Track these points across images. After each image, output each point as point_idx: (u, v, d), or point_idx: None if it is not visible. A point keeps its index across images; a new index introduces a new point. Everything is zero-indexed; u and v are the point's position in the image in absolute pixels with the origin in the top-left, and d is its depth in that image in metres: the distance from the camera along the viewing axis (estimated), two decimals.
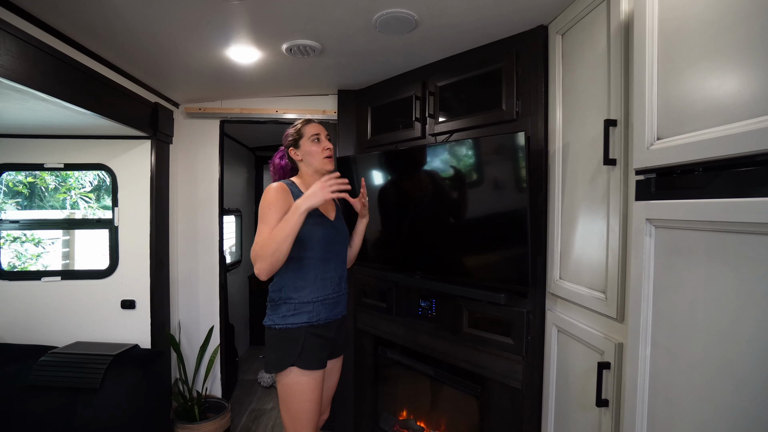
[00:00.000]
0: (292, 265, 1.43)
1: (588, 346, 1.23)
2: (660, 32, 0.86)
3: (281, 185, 1.42)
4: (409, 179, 1.86)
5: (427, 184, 1.79)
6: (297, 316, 1.42)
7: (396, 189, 1.94)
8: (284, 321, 1.42)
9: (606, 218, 1.16)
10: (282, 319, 1.42)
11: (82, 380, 1.96)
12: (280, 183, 1.43)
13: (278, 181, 1.45)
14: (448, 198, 1.72)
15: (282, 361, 1.40)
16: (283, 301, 1.44)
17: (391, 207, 1.96)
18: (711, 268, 0.72)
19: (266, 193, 1.39)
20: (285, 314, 1.42)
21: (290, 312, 1.42)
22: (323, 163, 1.51)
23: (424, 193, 1.81)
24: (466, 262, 1.67)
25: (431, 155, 1.75)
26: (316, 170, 1.52)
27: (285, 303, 1.43)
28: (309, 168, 1.53)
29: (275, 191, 1.39)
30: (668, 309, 0.83)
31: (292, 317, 1.42)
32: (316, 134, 1.50)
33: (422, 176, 1.79)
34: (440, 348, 1.83)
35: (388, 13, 1.45)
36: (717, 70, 0.73)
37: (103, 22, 1.51)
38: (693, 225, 0.76)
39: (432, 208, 1.78)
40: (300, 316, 1.42)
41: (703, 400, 0.73)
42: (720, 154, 0.71)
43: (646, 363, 0.88)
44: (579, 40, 1.32)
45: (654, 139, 0.88)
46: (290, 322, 1.42)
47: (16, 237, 3.58)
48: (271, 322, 1.44)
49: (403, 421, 2.17)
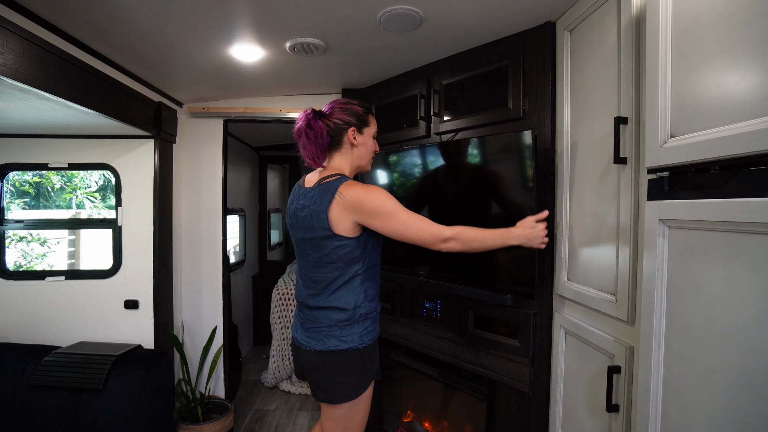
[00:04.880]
0: (369, 274, 1.33)
1: (597, 349, 1.21)
2: (674, 27, 0.84)
3: (359, 182, 1.29)
4: (413, 178, 1.84)
5: (431, 182, 1.77)
6: (376, 327, 1.35)
7: (399, 188, 1.92)
8: (366, 338, 1.31)
9: (616, 218, 1.13)
10: (363, 337, 1.30)
11: (85, 380, 1.96)
12: (355, 181, 1.29)
13: (347, 180, 1.29)
14: (454, 197, 1.70)
15: (364, 381, 1.31)
16: (363, 317, 1.30)
17: None
18: (729, 271, 0.69)
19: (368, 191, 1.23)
20: (367, 330, 1.31)
21: (370, 327, 1.33)
22: (370, 163, 1.42)
23: (429, 192, 1.79)
24: (471, 262, 1.65)
25: (434, 154, 1.73)
26: (359, 166, 1.40)
27: (364, 318, 1.31)
28: (354, 159, 1.36)
29: (370, 185, 1.27)
30: (683, 312, 0.80)
31: (373, 331, 1.33)
32: (377, 133, 1.42)
33: (428, 175, 1.77)
34: (445, 349, 1.81)
35: (392, 10, 1.43)
36: (734, 65, 0.70)
37: (107, 21, 1.50)
38: (709, 225, 0.74)
39: (438, 206, 1.76)
40: (376, 327, 1.36)
41: (720, 408, 0.71)
42: (737, 152, 0.68)
43: (659, 368, 0.85)
44: (588, 36, 1.29)
45: (667, 137, 0.85)
46: (372, 337, 1.32)
47: (22, 236, 3.60)
48: (350, 344, 1.27)
49: (407, 423, 2.15)
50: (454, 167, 1.68)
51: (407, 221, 1.24)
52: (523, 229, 1.29)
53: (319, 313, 1.30)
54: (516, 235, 1.28)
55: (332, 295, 1.29)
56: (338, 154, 1.35)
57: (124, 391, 1.97)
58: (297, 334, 1.38)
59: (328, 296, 1.29)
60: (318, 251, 1.29)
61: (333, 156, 1.36)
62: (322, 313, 1.30)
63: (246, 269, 3.98)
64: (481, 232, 1.27)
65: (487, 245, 1.28)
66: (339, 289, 1.29)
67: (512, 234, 1.28)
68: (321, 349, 1.28)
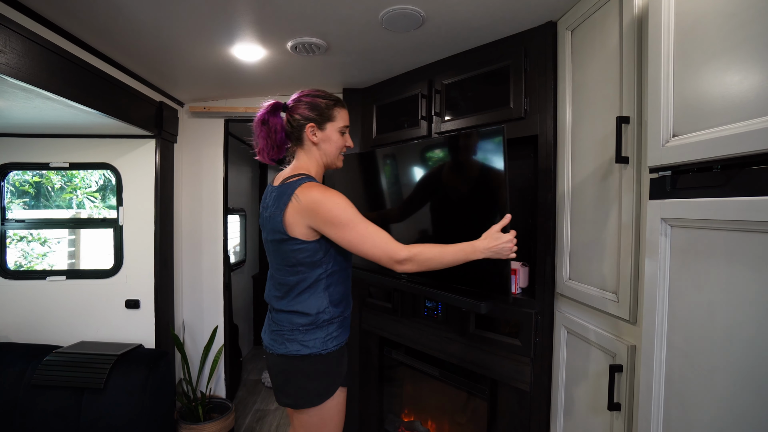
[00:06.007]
0: (335, 279, 1.27)
1: (599, 348, 1.21)
2: (676, 26, 0.84)
3: (321, 184, 1.23)
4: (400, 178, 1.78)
5: (400, 182, 1.72)
6: (343, 333, 1.30)
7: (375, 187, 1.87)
8: (330, 344, 1.25)
9: (618, 217, 1.13)
10: (326, 343, 1.24)
11: (86, 380, 1.96)
12: (316, 183, 1.23)
13: (307, 180, 1.22)
14: (425, 198, 1.64)
15: (330, 388, 1.25)
16: (327, 322, 1.24)
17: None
18: (731, 270, 0.70)
19: (326, 196, 1.16)
20: (331, 335, 1.25)
21: (335, 332, 1.26)
22: (339, 159, 1.33)
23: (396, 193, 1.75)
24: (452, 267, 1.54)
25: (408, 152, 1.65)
26: (325, 163, 1.32)
27: (328, 324, 1.25)
28: (320, 156, 1.29)
29: (330, 190, 1.19)
30: (685, 311, 0.80)
31: (338, 337, 1.27)
32: (347, 126, 1.31)
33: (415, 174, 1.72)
34: (446, 349, 1.81)
35: (394, 9, 1.43)
36: (737, 64, 0.70)
37: (109, 21, 1.51)
38: (711, 224, 0.74)
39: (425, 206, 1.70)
40: (344, 333, 1.30)
41: (722, 407, 0.71)
42: (740, 151, 0.69)
43: (662, 366, 0.85)
44: (589, 36, 1.29)
45: (669, 136, 0.85)
46: (338, 342, 1.27)
47: (23, 236, 3.60)
48: (313, 350, 1.22)
49: (408, 423, 2.15)
50: (427, 166, 1.60)
51: (363, 234, 1.15)
52: (488, 240, 1.19)
53: (282, 317, 1.26)
54: (480, 249, 1.18)
55: (295, 300, 1.24)
56: (302, 151, 1.29)
57: (125, 390, 1.97)
58: (264, 335, 1.35)
59: (291, 300, 1.25)
60: (279, 254, 1.25)
61: (299, 155, 1.30)
62: (285, 316, 1.26)
63: (247, 269, 3.98)
64: (440, 251, 1.18)
65: (447, 263, 1.18)
66: (302, 293, 1.24)
67: (476, 248, 1.18)
68: (283, 352, 1.24)
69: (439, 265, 1.18)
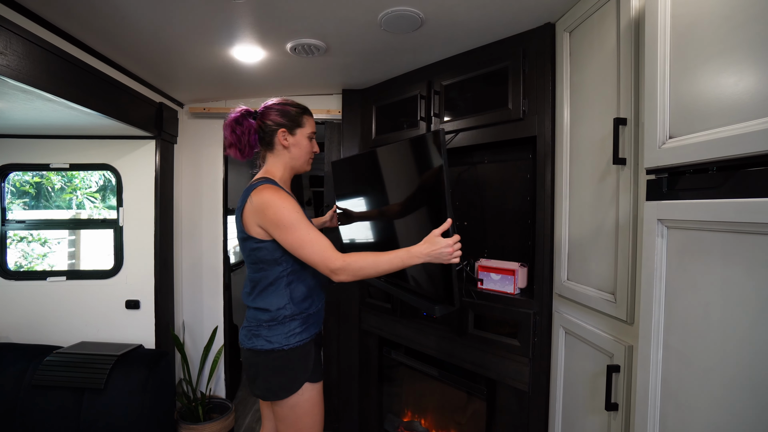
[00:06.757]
0: (297, 277, 1.31)
1: (597, 348, 1.22)
2: (672, 28, 0.84)
3: (275, 187, 1.26)
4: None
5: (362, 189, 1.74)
6: (307, 329, 1.32)
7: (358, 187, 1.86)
8: (293, 340, 1.28)
9: (615, 218, 1.14)
10: (288, 339, 1.28)
11: (87, 380, 1.96)
12: (271, 185, 1.26)
13: (265, 183, 1.26)
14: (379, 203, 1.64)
15: (294, 382, 1.28)
16: (288, 318, 1.29)
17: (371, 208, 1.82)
18: (727, 271, 0.70)
19: (274, 199, 1.20)
20: (293, 332, 1.29)
21: (298, 329, 1.30)
22: (308, 164, 1.41)
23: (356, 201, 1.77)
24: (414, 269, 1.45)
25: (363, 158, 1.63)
26: (293, 167, 1.38)
27: (290, 320, 1.29)
28: (288, 160, 1.36)
29: (281, 193, 1.22)
30: (681, 312, 0.81)
31: (301, 333, 1.30)
32: (314, 133, 1.40)
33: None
34: (445, 349, 1.82)
35: (393, 11, 1.44)
36: (733, 66, 0.71)
37: (109, 22, 1.51)
38: (707, 226, 0.74)
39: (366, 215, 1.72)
40: (310, 329, 1.34)
41: (717, 407, 0.71)
42: (735, 153, 0.69)
43: (658, 367, 0.86)
44: (587, 37, 1.30)
45: (666, 138, 0.86)
46: (301, 338, 1.30)
47: (23, 237, 3.61)
48: (275, 345, 1.27)
49: (407, 423, 2.16)
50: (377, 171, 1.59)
51: (304, 239, 1.18)
52: (426, 245, 1.18)
53: (250, 312, 1.34)
54: (417, 254, 1.17)
55: (259, 296, 1.31)
56: (271, 155, 1.36)
57: (125, 390, 1.98)
58: (240, 330, 1.41)
59: (256, 297, 1.31)
60: (245, 252, 1.32)
61: (268, 159, 1.37)
62: (251, 312, 1.33)
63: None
64: (374, 259, 1.18)
65: (383, 271, 1.18)
66: (265, 290, 1.30)
67: (412, 253, 1.18)
68: (250, 347, 1.30)
69: (374, 272, 1.19)
